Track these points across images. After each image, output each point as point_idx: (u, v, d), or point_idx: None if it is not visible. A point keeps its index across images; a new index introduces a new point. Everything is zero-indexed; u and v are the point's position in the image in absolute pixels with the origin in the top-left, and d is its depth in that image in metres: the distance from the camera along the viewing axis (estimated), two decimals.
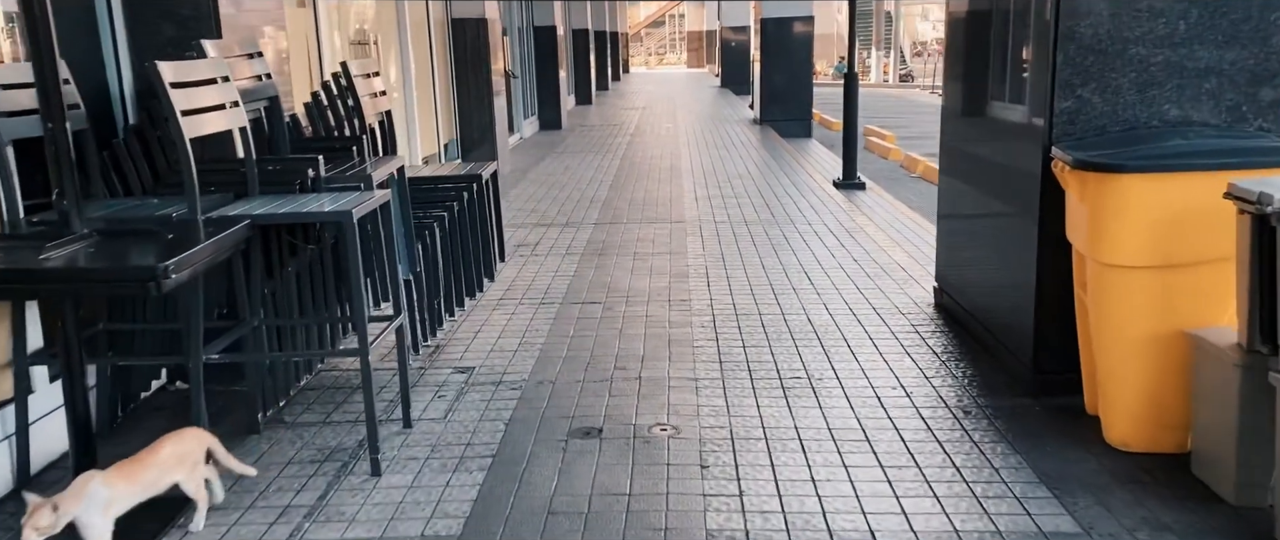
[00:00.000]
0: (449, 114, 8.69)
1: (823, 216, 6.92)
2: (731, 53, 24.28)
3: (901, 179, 10.57)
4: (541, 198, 7.93)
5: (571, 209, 7.37)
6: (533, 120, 13.74)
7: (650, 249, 5.89)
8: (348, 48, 6.18)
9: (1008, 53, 3.56)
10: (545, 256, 5.75)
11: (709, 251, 5.78)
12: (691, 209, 7.27)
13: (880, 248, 5.80)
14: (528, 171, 9.59)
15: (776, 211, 7.13)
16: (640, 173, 9.33)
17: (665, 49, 55.23)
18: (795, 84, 13.51)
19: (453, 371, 3.72)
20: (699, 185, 8.46)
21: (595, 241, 6.16)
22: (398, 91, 7.25)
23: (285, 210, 2.76)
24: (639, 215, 7.06)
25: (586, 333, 4.20)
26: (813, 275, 5.13)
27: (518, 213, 7.25)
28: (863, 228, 6.47)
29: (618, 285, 5.02)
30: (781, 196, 7.84)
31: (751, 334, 4.13)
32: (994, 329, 3.72)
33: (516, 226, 6.71)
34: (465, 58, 8.71)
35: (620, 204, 7.57)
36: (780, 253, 5.71)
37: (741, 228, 6.51)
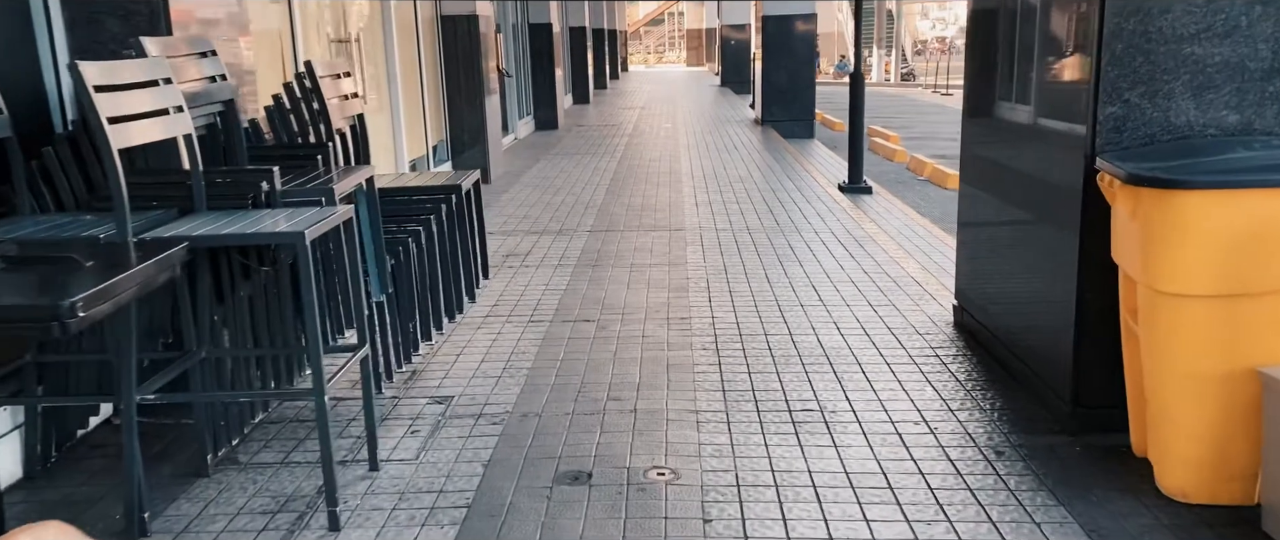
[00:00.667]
0: (438, 115, 8.35)
1: (829, 223, 6.58)
2: (731, 51, 23.95)
3: (908, 182, 10.24)
4: (534, 203, 7.59)
5: (565, 215, 7.03)
6: (528, 120, 13.41)
7: (648, 259, 5.56)
8: (328, 46, 5.84)
9: (1041, 51, 3.22)
10: (536, 268, 5.42)
11: (710, 263, 5.44)
12: (691, 215, 6.94)
13: (892, 259, 5.47)
14: (521, 174, 9.26)
15: (780, 218, 6.79)
16: (638, 176, 8.99)
17: (664, 47, 54.90)
18: (797, 83, 13.17)
19: (428, 402, 3.39)
20: (699, 189, 8.12)
21: (590, 251, 5.82)
22: (382, 92, 6.92)
23: (229, 231, 2.42)
24: (636, 222, 6.72)
25: (577, 356, 3.86)
26: (821, 290, 4.80)
27: (509, 219, 6.91)
28: (872, 236, 6.13)
29: (613, 300, 4.69)
30: (785, 202, 7.50)
31: (757, 358, 3.79)
32: (1024, 355, 3.39)
33: (507, 234, 6.38)
34: (456, 56, 8.37)
35: (617, 210, 7.23)
36: (786, 264, 5.38)
37: (744, 236, 6.18)
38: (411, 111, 7.62)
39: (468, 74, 8.41)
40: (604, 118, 15.80)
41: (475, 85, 8.43)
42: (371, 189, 3.13)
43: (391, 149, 7.03)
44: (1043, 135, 3.21)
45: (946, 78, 28.08)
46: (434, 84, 8.22)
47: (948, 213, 8.42)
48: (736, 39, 23.65)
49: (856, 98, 8.63)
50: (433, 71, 8.19)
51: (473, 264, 4.04)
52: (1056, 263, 3.06)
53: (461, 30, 8.33)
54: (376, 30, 6.78)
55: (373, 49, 6.70)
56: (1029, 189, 3.33)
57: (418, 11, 7.68)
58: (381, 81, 6.87)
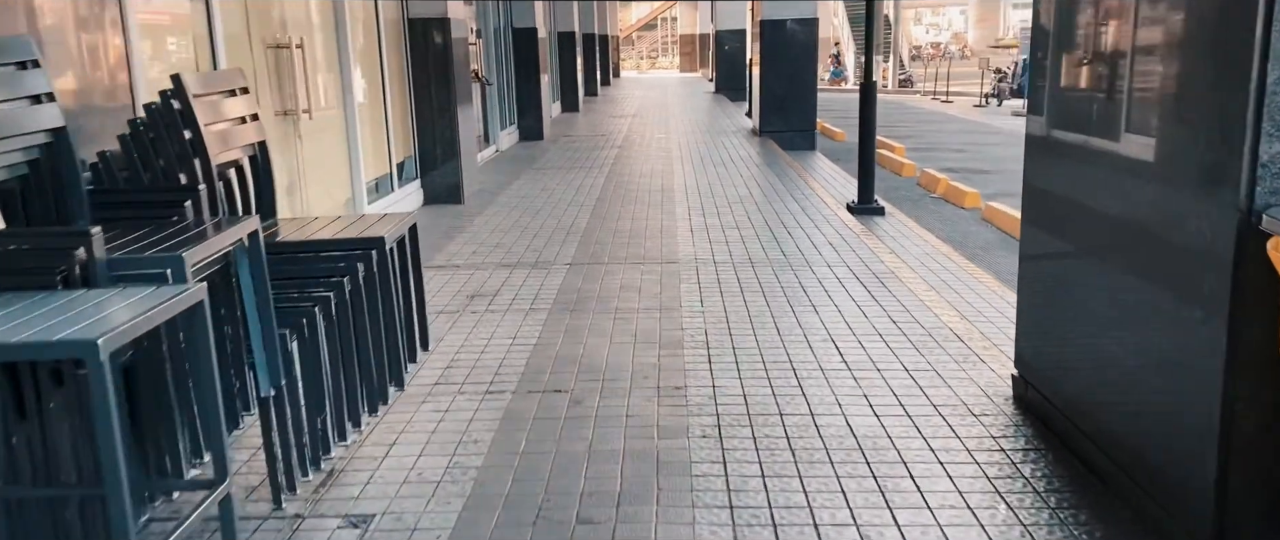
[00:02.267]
0: (405, 128, 7.52)
1: (842, 254, 5.77)
2: (726, 57, 23.17)
3: (920, 200, 9.44)
4: (509, 228, 6.77)
5: (543, 243, 6.21)
6: (511, 131, 12.59)
7: (636, 302, 4.74)
8: (263, 53, 5.01)
9: (1165, 64, 2.41)
10: (503, 313, 4.59)
11: (709, 308, 4.62)
12: (686, 244, 6.12)
13: (922, 302, 4.66)
14: (499, 192, 8.43)
15: (787, 247, 5.98)
16: (628, 194, 8.18)
17: (657, 52, 54.15)
18: (798, 92, 12.37)
19: (340, 524, 2.56)
20: (694, 211, 7.31)
21: (568, 290, 5.00)
22: (336, 104, 6.08)
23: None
24: (624, 253, 5.90)
25: (543, 447, 3.04)
26: (843, 346, 3.98)
27: (479, 248, 6.08)
28: (893, 271, 5.32)
29: (592, 360, 3.87)
30: (791, 226, 6.69)
31: (772, 451, 2.97)
32: (1131, 464, 2.57)
33: (475, 268, 5.55)
34: (425, 63, 7.55)
35: (602, 236, 6.41)
36: (798, 309, 4.56)
37: (747, 271, 5.36)
38: (372, 125, 6.80)
39: (439, 82, 7.59)
40: (593, 127, 14.99)
41: (447, 95, 7.61)
42: (256, 247, 2.31)
43: (346, 169, 6.20)
44: (1166, 177, 2.40)
45: (946, 84, 27.35)
46: (400, 94, 7.40)
47: (969, 237, 7.65)
48: (731, 44, 22.87)
49: (867, 109, 7.83)
50: (398, 80, 7.37)
51: (404, 334, 3.21)
52: (1189, 351, 2.24)
53: (431, 34, 7.51)
54: (327, 34, 5.95)
55: (323, 55, 5.87)
56: (1141, 247, 2.51)
57: (380, 13, 6.86)
58: (334, 92, 6.05)
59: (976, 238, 7.48)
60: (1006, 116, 20.62)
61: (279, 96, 5.15)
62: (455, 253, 5.95)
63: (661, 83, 31.65)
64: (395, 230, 2.84)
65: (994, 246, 7.17)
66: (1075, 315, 2.93)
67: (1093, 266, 2.80)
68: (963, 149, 14.17)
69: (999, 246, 7.15)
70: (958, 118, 20.67)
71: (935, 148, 14.43)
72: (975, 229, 7.84)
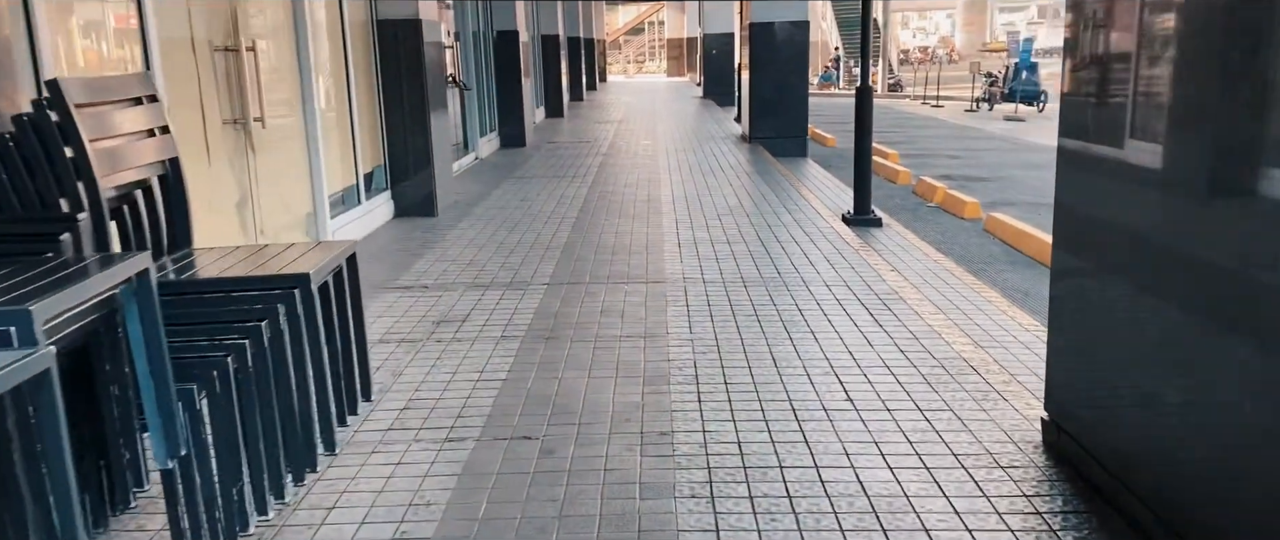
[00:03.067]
0: (374, 136, 7.09)
1: (841, 271, 5.37)
2: (714, 61, 22.80)
3: (917, 209, 9.06)
4: (485, 242, 6.34)
5: (520, 261, 5.79)
6: (492, 137, 12.16)
7: (618, 328, 4.32)
8: (210, 57, 4.58)
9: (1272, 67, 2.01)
10: (472, 342, 4.17)
11: (698, 334, 4.21)
12: (673, 260, 5.71)
13: (930, 327, 4.26)
14: (477, 203, 8.00)
15: (781, 264, 5.58)
16: (612, 205, 7.76)
17: (645, 57, 53.80)
18: (788, 97, 11.99)
19: None
20: (682, 223, 6.90)
21: (545, 314, 4.58)
22: (294, 111, 5.65)
23: None
24: (606, 270, 5.48)
25: (506, 511, 2.62)
26: (848, 381, 3.57)
27: (450, 266, 5.65)
28: (897, 291, 4.92)
29: (567, 399, 3.45)
30: (784, 239, 6.29)
31: (772, 515, 2.56)
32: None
33: (444, 288, 5.12)
34: (396, 66, 7.12)
35: (584, 252, 5.99)
36: (796, 336, 4.16)
37: (738, 291, 4.95)
38: (337, 134, 6.37)
39: (411, 88, 7.17)
40: (578, 133, 14.58)
41: (419, 101, 7.19)
42: (147, 290, 1.89)
43: (306, 181, 5.76)
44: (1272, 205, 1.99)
45: (937, 88, 27.08)
46: (368, 100, 6.97)
47: (971, 250, 7.27)
48: (719, 48, 22.51)
49: (863, 116, 7.45)
50: (366, 85, 6.94)
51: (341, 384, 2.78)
52: None
53: (403, 37, 7.09)
54: (284, 36, 5.52)
55: (279, 59, 5.44)
56: (1232, 288, 2.10)
57: (345, 14, 6.43)
58: (293, 99, 5.61)
59: (979, 251, 7.10)
60: (999, 121, 20.31)
61: (228, 104, 4.72)
62: (424, 272, 5.52)
63: (648, 87, 31.27)
64: (326, 264, 2.40)
65: (998, 260, 6.79)
66: (1127, 357, 2.53)
67: (1154, 302, 2.40)
68: (957, 155, 13.83)
69: (1003, 260, 6.77)
70: (949, 123, 20.36)
71: (929, 154, 14.08)
72: (977, 241, 7.46)
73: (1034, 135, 16.83)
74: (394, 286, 5.18)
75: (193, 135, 4.41)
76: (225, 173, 4.72)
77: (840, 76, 36.23)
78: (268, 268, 2.30)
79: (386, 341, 4.20)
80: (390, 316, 4.60)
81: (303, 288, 2.22)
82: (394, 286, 5.18)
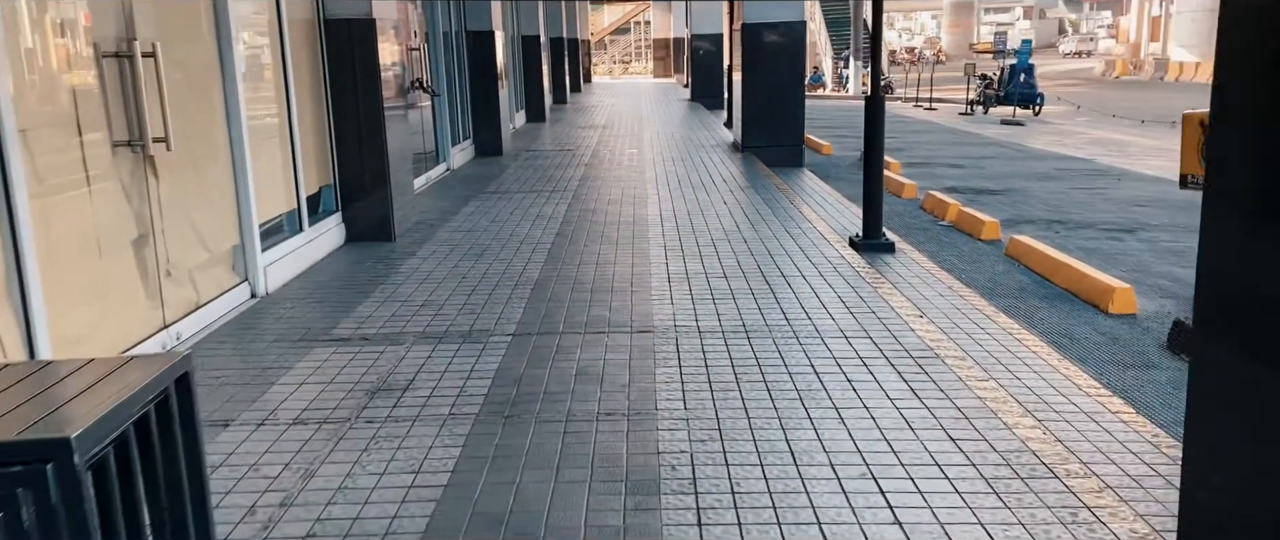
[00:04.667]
0: (320, 151, 6.24)
1: (859, 316, 4.57)
2: (702, 62, 22.01)
3: (928, 228, 8.28)
4: (445, 276, 5.50)
5: (483, 301, 4.95)
6: (466, 146, 11.31)
7: (595, 401, 3.50)
8: (97, 64, 3.73)
9: None
10: (412, 422, 3.34)
11: (695, 410, 3.39)
12: (662, 301, 4.89)
13: (979, 399, 3.45)
14: (441, 225, 7.16)
15: (788, 305, 4.77)
16: (593, 227, 6.94)
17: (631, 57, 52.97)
18: (783, 103, 11.19)
19: None
20: (672, 251, 6.08)
21: (507, 379, 3.75)
22: (216, 128, 4.80)
23: None
24: (583, 315, 4.66)
25: None
26: (894, 494, 2.76)
27: (399, 311, 4.81)
28: (930, 344, 4.12)
29: (525, 519, 2.62)
30: (789, 272, 5.48)
31: None
32: None
33: (389, 341, 4.28)
34: (348, 72, 6.27)
35: (559, 290, 5.17)
36: (816, 413, 3.34)
37: (741, 345, 4.14)
38: (272, 152, 5.51)
39: (366, 96, 6.32)
40: (560, 139, 13.74)
41: (374, 110, 6.34)
42: None
43: (231, 208, 4.91)
44: None
45: (930, 91, 26.38)
46: (313, 111, 6.12)
47: (997, 281, 6.45)
48: (707, 49, 21.73)
49: (875, 128, 6.65)
50: (312, 93, 6.09)
51: None
52: None
53: (356, 38, 6.24)
54: (200, 38, 4.67)
55: (193, 66, 4.58)
56: None
57: (283, 11, 5.57)
58: (213, 113, 4.76)
59: (1006, 281, 6.31)
60: (995, 125, 19.61)
61: (121, 123, 3.86)
62: (368, 317, 4.68)
63: (634, 89, 30.43)
64: (120, 406, 1.52)
65: (1029, 294, 6.00)
66: None
67: None
68: (959, 164, 13.07)
69: (1034, 294, 5.99)
70: (945, 127, 19.63)
71: (929, 162, 13.32)
72: (1002, 270, 6.67)
73: (1033, 141, 16.11)
74: (329, 338, 4.34)
75: (66, 163, 3.56)
76: (115, 205, 3.87)
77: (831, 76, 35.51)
78: (6, 426, 1.45)
79: (304, 422, 3.36)
80: (316, 383, 3.76)
81: (63, 458, 1.37)
82: (329, 338, 4.34)
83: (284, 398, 3.59)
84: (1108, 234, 7.86)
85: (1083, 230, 8.03)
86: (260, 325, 4.57)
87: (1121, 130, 17.69)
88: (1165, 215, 8.69)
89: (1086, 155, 13.78)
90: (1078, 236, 7.79)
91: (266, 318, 4.69)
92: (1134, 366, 4.57)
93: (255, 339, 4.35)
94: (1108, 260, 6.85)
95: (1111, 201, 9.50)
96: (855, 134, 18.75)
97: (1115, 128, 18.21)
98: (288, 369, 3.91)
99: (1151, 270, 6.55)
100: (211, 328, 4.49)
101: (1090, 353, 4.79)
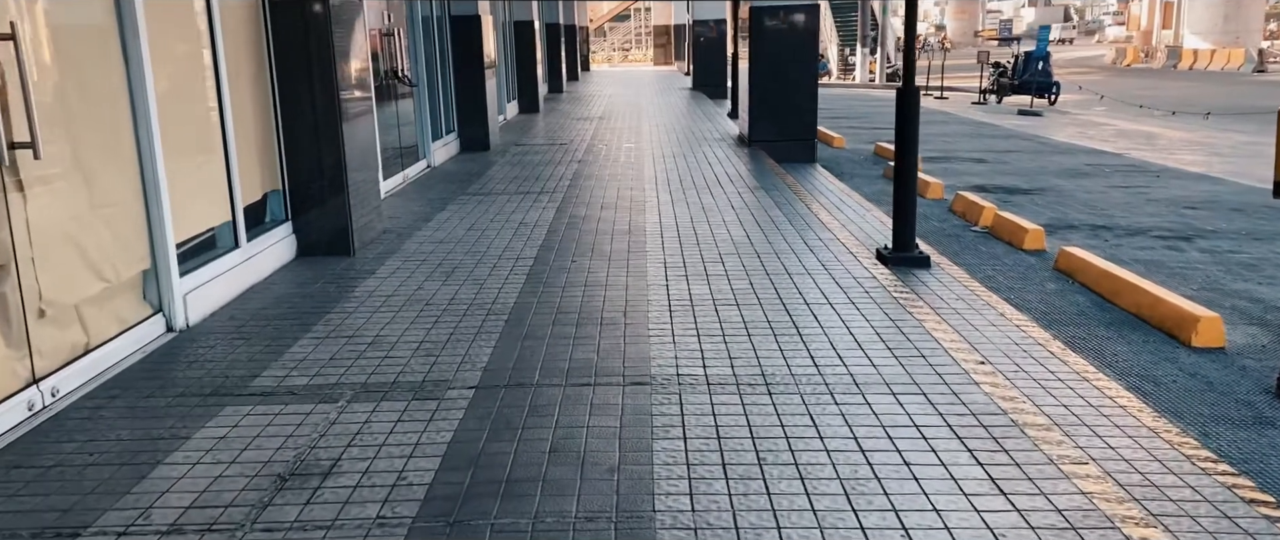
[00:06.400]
0: (266, 151, 5.37)
1: (903, 358, 3.72)
2: (704, 50, 21.10)
3: (959, 235, 7.40)
4: (405, 302, 4.65)
5: (446, 337, 4.10)
6: (450, 141, 10.43)
7: (573, 495, 2.64)
8: None
9: None
10: (326, 530, 2.49)
11: (706, 511, 2.54)
12: (662, 338, 4.02)
13: (1084, 495, 2.60)
14: (411, 234, 6.30)
15: (815, 343, 3.91)
16: (584, 238, 6.07)
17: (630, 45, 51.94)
18: (794, 95, 10.31)
19: None
20: (673, 268, 5.22)
21: (459, 460, 2.90)
22: (120, 126, 3.93)
23: None
24: (566, 358, 3.80)
25: None
26: None
27: (343, 350, 3.96)
28: (996, 398, 3.27)
29: None
30: (812, 295, 4.63)
31: None
32: None
33: (320, 397, 3.42)
34: (299, 60, 5.41)
35: (539, 321, 4.31)
36: (867, 513, 2.49)
37: (761, 403, 3.28)
38: (201, 154, 4.64)
39: (320, 87, 5.45)
40: (553, 132, 12.85)
41: (329, 104, 5.47)
42: None
43: (139, 225, 4.04)
44: None
45: (941, 79, 25.45)
46: (257, 104, 5.25)
47: (1051, 301, 5.43)
48: (709, 36, 20.83)
49: (908, 126, 5.78)
50: (254, 85, 5.21)
51: None
52: None
53: (310, 21, 5.37)
54: (89, 13, 3.79)
55: (80, 52, 3.71)
56: None
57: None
58: (111, 108, 3.89)
59: (1062, 305, 5.44)
60: (1011, 115, 18.71)
61: None
62: (302, 361, 3.82)
63: (634, 78, 29.47)
64: None
65: (1091, 319, 5.14)
66: None
67: None
68: (982, 157, 12.18)
69: (1098, 320, 5.12)
70: (960, 117, 18.71)
71: (950, 155, 12.42)
72: (1054, 289, 5.80)
73: (1055, 132, 15.21)
74: (247, 392, 3.49)
75: None
76: None
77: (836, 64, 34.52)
78: None
79: (181, 530, 2.51)
80: (213, 462, 2.90)
81: None
82: (247, 392, 3.49)
83: (166, 488, 2.74)
84: (1163, 242, 6.98)
85: (1134, 238, 7.16)
86: (168, 373, 3.71)
87: (1145, 121, 16.79)
88: (1221, 219, 7.81)
89: (1115, 149, 12.89)
90: (1129, 245, 6.92)
91: (178, 362, 3.83)
92: (1244, 424, 3.71)
93: (155, 393, 3.49)
94: (1171, 276, 5.98)
95: (1157, 203, 8.62)
96: (865, 125, 17.85)
97: (1138, 119, 17.31)
98: (183, 441, 3.06)
99: (1226, 289, 5.68)
100: (105, 377, 3.64)
101: (1184, 404, 3.93)
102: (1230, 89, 24.33)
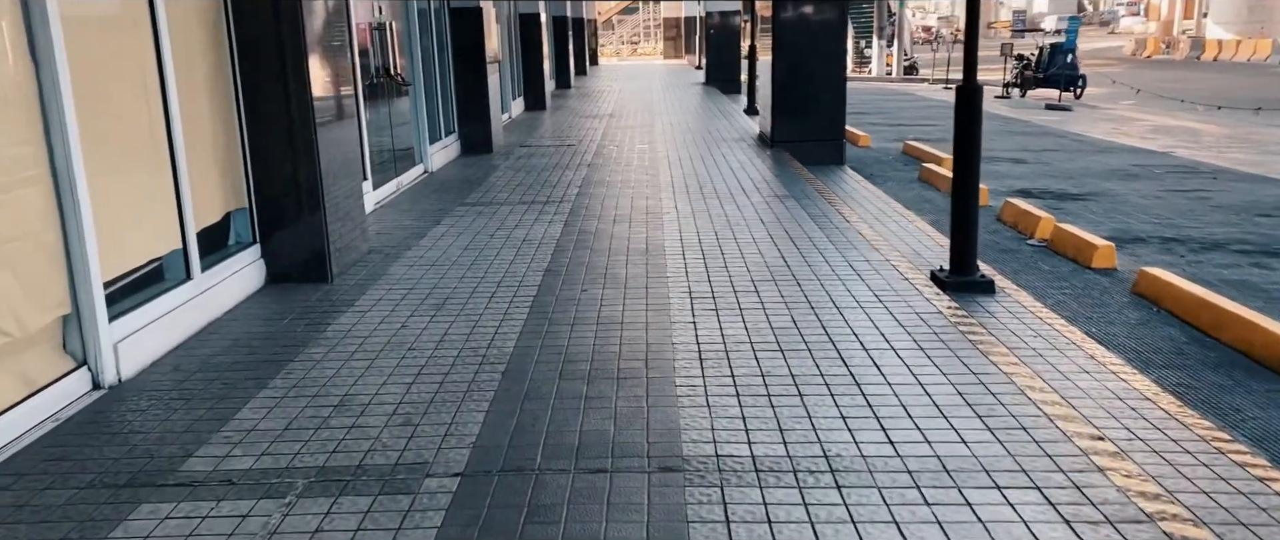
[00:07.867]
0: (228, 165, 4.64)
1: (995, 426, 2.97)
2: (717, 42, 20.32)
3: (1017, 250, 6.63)
4: (382, 349, 3.91)
5: (428, 396, 3.36)
6: (449, 143, 9.69)
7: None
8: None
9: None
10: None
11: None
12: (694, 401, 3.27)
13: None
14: (401, 253, 5.56)
15: (884, 406, 3.17)
16: (594, 260, 5.33)
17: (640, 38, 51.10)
18: (821, 92, 9.54)
19: None
20: (700, 300, 4.47)
21: None
22: (23, 138, 3.20)
23: None
24: (573, 429, 3.06)
25: None
26: None
27: (303, 414, 3.22)
28: (1130, 489, 2.52)
29: None
30: (868, 337, 3.88)
31: None
32: None
33: (261, 490, 2.69)
34: (267, 60, 4.68)
35: (541, 375, 3.57)
36: None
37: (828, 499, 2.54)
38: (140, 170, 3.91)
39: (294, 92, 4.71)
40: (560, 131, 12.10)
41: (303, 111, 4.74)
42: None
43: (57, 261, 3.31)
44: None
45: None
46: (217, 113, 4.51)
47: (1139, 338, 4.53)
48: (723, 28, 20.05)
49: (970, 133, 5.04)
50: (214, 91, 4.48)
51: None
52: None
53: (280, 16, 4.63)
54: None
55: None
56: None
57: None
58: (16, 114, 3.16)
59: (1152, 338, 4.68)
60: (1039, 109, 17.88)
61: None
62: (247, 432, 3.09)
63: (644, 72, 28.68)
64: None
65: (1192, 360, 4.37)
66: None
67: None
68: (1020, 157, 11.38)
69: (1200, 360, 4.35)
70: (987, 112, 17.89)
71: (986, 155, 11.61)
72: (1137, 318, 5.03)
73: (1089, 128, 14.38)
74: (173, 481, 2.75)
75: None
76: None
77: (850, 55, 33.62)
78: None
79: None
80: None
81: None
82: (173, 481, 2.75)
83: None
84: (1249, 259, 6.20)
85: (1211, 253, 6.38)
86: (79, 451, 2.98)
87: (1182, 116, 15.94)
88: None
89: (1160, 147, 12.07)
90: (1209, 261, 6.14)
91: (97, 434, 3.11)
92: None
93: (57, 482, 2.76)
94: (1270, 302, 5.21)
95: (1224, 210, 7.83)
96: (887, 121, 17.01)
97: (1174, 113, 16.45)
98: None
99: None
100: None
101: None
102: (1262, 81, 23.40)
